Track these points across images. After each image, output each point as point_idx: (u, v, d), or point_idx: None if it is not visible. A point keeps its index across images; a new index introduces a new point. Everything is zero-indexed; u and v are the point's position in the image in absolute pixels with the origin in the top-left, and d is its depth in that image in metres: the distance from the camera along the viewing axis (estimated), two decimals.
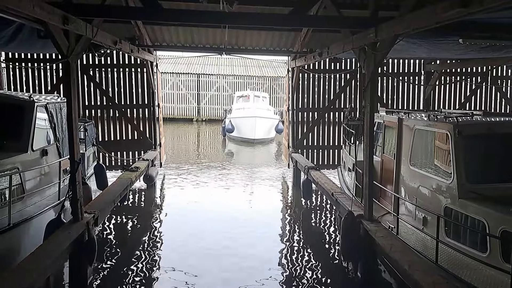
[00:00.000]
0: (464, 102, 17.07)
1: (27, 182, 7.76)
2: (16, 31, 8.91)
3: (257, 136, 26.66)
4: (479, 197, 6.28)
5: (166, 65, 37.12)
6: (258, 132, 26.63)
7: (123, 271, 8.34)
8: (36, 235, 7.44)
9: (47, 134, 9.02)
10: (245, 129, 26.89)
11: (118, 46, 10.50)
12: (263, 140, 27.29)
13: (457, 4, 4.95)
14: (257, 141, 26.72)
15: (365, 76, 8.37)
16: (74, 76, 7.72)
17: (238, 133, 27.40)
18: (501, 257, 5.59)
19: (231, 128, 27.35)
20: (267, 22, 9.37)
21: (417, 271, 5.90)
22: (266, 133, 27.52)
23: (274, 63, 38.18)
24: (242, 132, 27.14)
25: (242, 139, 27.22)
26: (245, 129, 26.89)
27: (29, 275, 5.64)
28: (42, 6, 6.00)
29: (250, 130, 26.60)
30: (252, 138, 26.65)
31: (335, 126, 16.77)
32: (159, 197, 14.30)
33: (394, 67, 16.86)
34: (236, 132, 27.44)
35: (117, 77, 16.11)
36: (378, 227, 7.69)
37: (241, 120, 27.19)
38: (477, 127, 7.37)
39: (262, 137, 27.16)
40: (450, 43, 9.45)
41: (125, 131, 16.35)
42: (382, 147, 9.54)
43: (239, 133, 27.34)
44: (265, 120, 27.21)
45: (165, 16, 8.58)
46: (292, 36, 14.35)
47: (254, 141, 26.67)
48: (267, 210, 12.97)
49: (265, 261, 9.04)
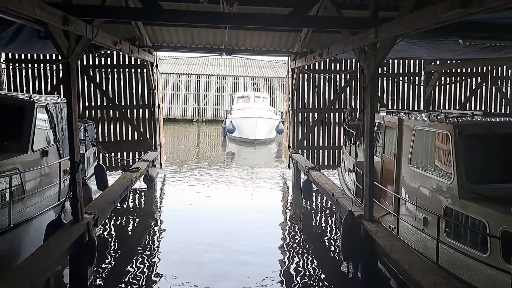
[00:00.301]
0: (464, 102, 17.08)
1: (27, 183, 7.77)
2: (16, 32, 8.92)
3: (258, 137, 26.68)
4: (479, 197, 6.28)
5: (166, 66, 37.13)
6: (259, 132, 26.65)
7: (123, 272, 8.33)
8: (36, 236, 7.44)
9: (47, 134, 9.03)
10: (246, 130, 26.90)
11: (118, 47, 10.50)
12: (264, 141, 27.31)
13: (457, 4, 4.96)
14: (258, 141, 26.73)
15: (365, 76, 8.37)
16: (74, 76, 7.72)
17: (239, 134, 27.42)
18: (501, 257, 5.59)
19: (232, 128, 27.37)
20: (267, 23, 9.37)
21: (418, 272, 5.90)
22: (267, 133, 27.55)
23: (274, 64, 38.17)
24: (243, 132, 27.16)
25: (243, 139, 27.23)
26: (246, 130, 26.90)
27: (29, 276, 5.65)
28: (42, 7, 6.00)
29: (251, 130, 26.61)
30: (253, 139, 26.66)
31: (335, 127, 16.77)
32: (159, 197, 14.29)
33: (394, 67, 16.86)
34: (237, 133, 27.47)
35: (117, 77, 16.11)
36: (378, 228, 7.70)
37: (242, 120, 27.21)
38: (477, 127, 7.38)
39: (263, 138, 27.19)
40: (450, 43, 9.45)
41: (125, 131, 16.35)
42: (382, 148, 9.54)
43: (240, 134, 27.37)
44: (266, 120, 27.23)
45: (165, 17, 8.58)
46: (292, 37, 14.35)
47: (255, 142, 26.67)
48: (267, 211, 12.96)
49: (266, 261, 9.04)
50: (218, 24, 10.47)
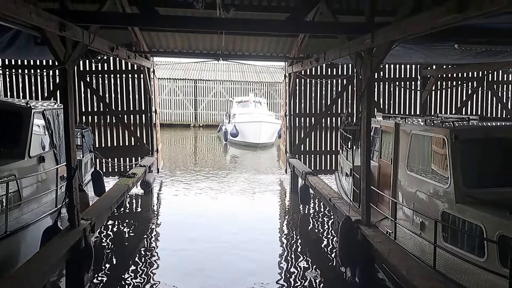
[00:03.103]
0: (460, 107, 17.13)
1: (24, 189, 7.74)
2: (13, 38, 8.92)
3: (262, 141, 26.82)
4: (476, 201, 6.29)
5: (163, 71, 37.12)
6: (263, 136, 26.79)
7: (120, 278, 8.30)
8: (33, 243, 7.41)
9: (44, 140, 9.00)
10: (249, 134, 27.03)
11: (115, 53, 10.49)
12: (266, 145, 27.46)
13: (453, 9, 4.98)
14: (261, 145, 26.86)
15: (361, 81, 8.38)
16: (71, 82, 7.70)
17: (242, 138, 27.53)
18: (498, 262, 5.59)
19: (236, 132, 27.54)
20: (264, 28, 9.40)
21: (415, 276, 5.90)
22: (269, 137, 27.81)
23: (271, 69, 38.21)
24: (246, 136, 27.27)
25: (246, 143, 27.30)
26: (249, 134, 27.03)
27: (25, 282, 5.61)
28: (39, 13, 6.00)
29: (254, 134, 26.75)
30: (256, 143, 26.78)
31: (332, 131, 16.79)
32: (156, 203, 14.25)
33: (390, 72, 16.92)
34: (240, 137, 27.58)
35: (114, 83, 16.12)
36: (376, 232, 7.69)
37: (245, 125, 27.33)
38: (474, 131, 7.39)
39: (266, 142, 27.36)
40: (446, 48, 9.49)
41: (122, 137, 16.34)
42: (379, 152, 9.56)
43: (243, 138, 27.48)
44: (269, 124, 27.52)
45: (162, 23, 8.60)
46: (289, 42, 14.39)
47: (258, 146, 26.78)
48: (265, 216, 12.95)
49: (264, 266, 9.03)
50: (215, 29, 10.49)
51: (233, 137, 27.88)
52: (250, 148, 26.84)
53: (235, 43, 14.43)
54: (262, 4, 10.98)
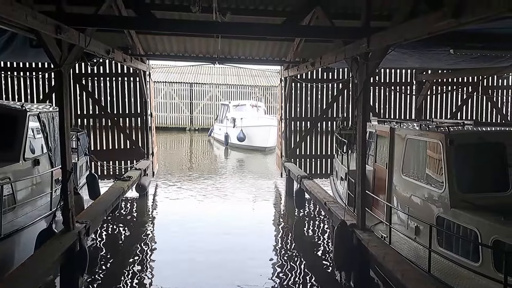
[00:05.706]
0: (455, 111, 17.18)
1: (18, 192, 7.70)
2: (8, 40, 8.88)
3: (269, 145, 26.59)
4: (471, 206, 6.31)
5: (159, 74, 37.11)
6: (271, 140, 26.57)
7: (114, 282, 8.27)
8: (28, 246, 7.37)
9: (39, 143, 8.97)
10: (258, 138, 26.91)
11: (111, 55, 10.48)
12: (271, 148, 27.28)
13: (449, 15, 5.00)
14: (268, 149, 26.65)
15: (357, 85, 8.41)
16: (67, 85, 7.70)
17: (249, 142, 27.37)
18: (493, 267, 5.61)
19: (243, 136, 27.33)
20: (260, 32, 9.39)
21: (410, 280, 5.90)
22: (275, 141, 27.61)
23: (267, 73, 38.26)
24: (254, 140, 27.16)
25: (253, 147, 27.16)
26: (258, 138, 26.91)
27: (19, 285, 5.59)
28: (35, 15, 5.99)
29: (263, 138, 26.61)
30: (264, 147, 26.65)
31: (328, 136, 16.79)
32: (151, 206, 14.21)
33: (386, 76, 16.94)
34: (248, 141, 27.42)
35: (109, 86, 16.06)
36: (371, 236, 7.70)
37: (254, 129, 27.16)
38: (469, 136, 7.42)
39: (273, 145, 27.15)
40: (441, 53, 9.53)
41: (118, 140, 16.26)
42: (374, 156, 9.57)
43: (251, 142, 27.32)
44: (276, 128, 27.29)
45: (158, 26, 8.61)
46: (285, 46, 14.42)
47: (266, 150, 26.61)
48: (260, 220, 12.95)
49: (258, 271, 9.01)
50: (211, 33, 10.50)
51: (240, 142, 27.63)
52: (254, 152, 26.69)
53: (231, 47, 14.44)
54: (258, 8, 10.98)
